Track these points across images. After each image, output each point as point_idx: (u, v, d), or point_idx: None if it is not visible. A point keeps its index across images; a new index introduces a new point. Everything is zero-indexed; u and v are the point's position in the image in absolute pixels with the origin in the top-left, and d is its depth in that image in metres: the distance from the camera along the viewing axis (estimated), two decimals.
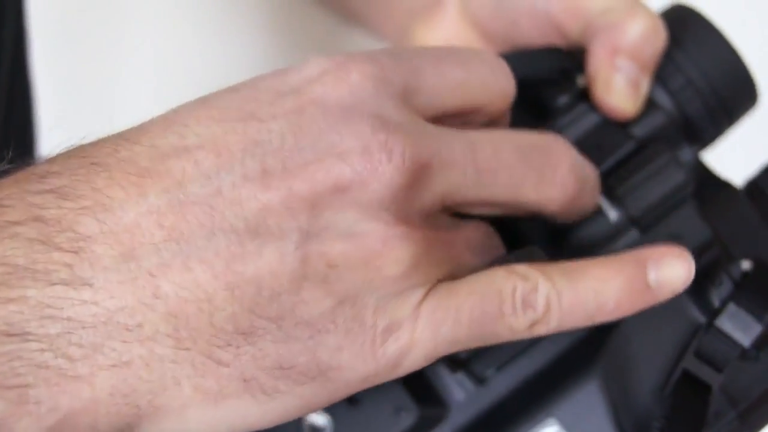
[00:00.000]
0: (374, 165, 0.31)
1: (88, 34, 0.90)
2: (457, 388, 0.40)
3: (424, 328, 0.32)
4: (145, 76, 0.91)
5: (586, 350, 0.39)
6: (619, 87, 0.42)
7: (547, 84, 0.43)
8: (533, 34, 0.46)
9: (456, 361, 0.36)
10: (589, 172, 0.38)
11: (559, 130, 0.42)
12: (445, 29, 0.50)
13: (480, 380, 0.40)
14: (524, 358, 0.40)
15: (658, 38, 0.42)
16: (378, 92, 0.32)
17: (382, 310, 0.32)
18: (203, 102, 0.32)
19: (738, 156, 0.48)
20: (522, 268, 0.34)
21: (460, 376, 0.40)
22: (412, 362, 0.33)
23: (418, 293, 0.32)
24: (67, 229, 0.29)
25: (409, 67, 0.33)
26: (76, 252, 0.29)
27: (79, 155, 0.31)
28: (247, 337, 0.30)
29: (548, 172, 0.35)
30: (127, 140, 0.31)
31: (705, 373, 0.38)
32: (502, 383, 0.40)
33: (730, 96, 0.44)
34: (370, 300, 0.31)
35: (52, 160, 0.31)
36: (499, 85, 0.36)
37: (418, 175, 0.32)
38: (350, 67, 0.32)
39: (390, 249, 0.31)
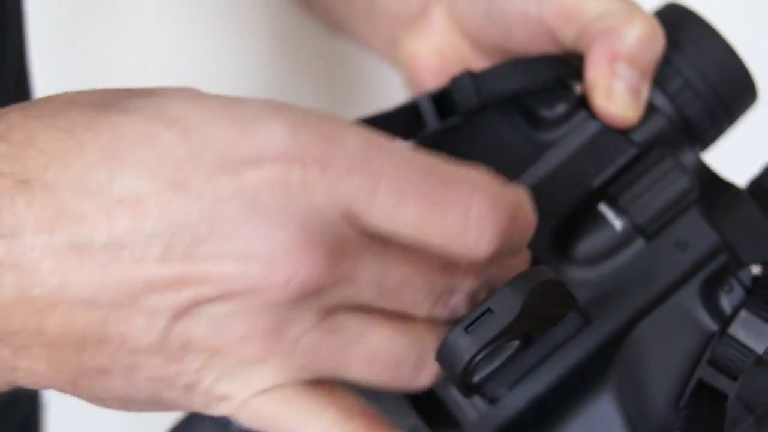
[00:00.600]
0: (272, 281, 0.30)
1: (87, 40, 0.89)
2: (469, 408, 0.39)
3: (248, 416, 0.33)
4: (145, 82, 0.91)
5: (598, 363, 0.39)
6: (620, 94, 0.41)
7: (543, 93, 0.42)
8: (526, 42, 0.45)
9: (468, 387, 0.35)
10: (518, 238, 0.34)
11: (558, 140, 0.41)
12: (432, 39, 0.49)
13: (492, 399, 0.39)
14: (536, 375, 0.39)
15: (656, 43, 0.42)
16: (313, 201, 0.31)
17: (220, 382, 0.33)
18: (150, 140, 0.30)
19: (737, 155, 0.47)
20: None
21: (473, 398, 0.39)
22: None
23: (258, 386, 0.33)
24: None
25: (367, 181, 0.31)
26: None
27: (12, 163, 0.30)
28: (103, 374, 0.32)
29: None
30: (60, 160, 0.30)
31: (720, 381, 0.37)
32: (515, 401, 0.39)
33: (729, 95, 0.43)
34: (210, 374, 0.32)
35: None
36: (459, 249, 0.32)
37: (312, 294, 0.31)
38: (299, 165, 0.30)
39: (247, 349, 0.32)
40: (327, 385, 0.34)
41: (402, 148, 0.32)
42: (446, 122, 0.43)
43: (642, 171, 0.40)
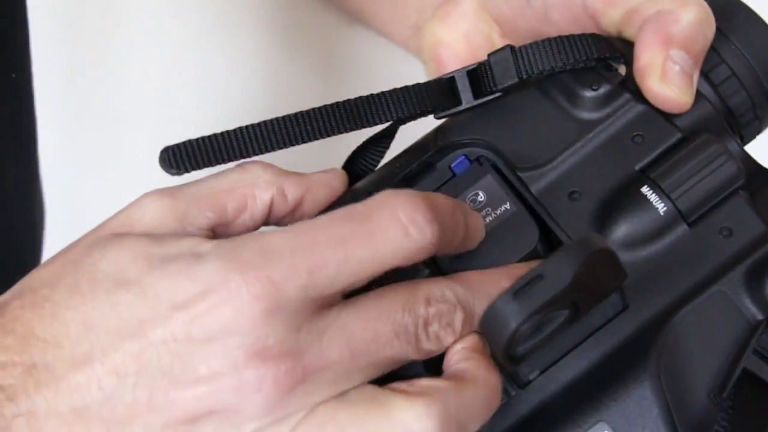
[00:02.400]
0: (245, 395, 0.33)
1: (87, 37, 0.88)
2: None
3: None
4: (148, 79, 0.90)
5: (636, 350, 0.37)
6: (675, 77, 0.40)
7: (585, 72, 0.41)
8: (564, 25, 0.44)
9: (512, 358, 0.34)
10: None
11: (601, 120, 0.40)
12: (461, 25, 0.48)
13: (523, 384, 0.38)
14: (569, 360, 0.38)
15: (709, 28, 0.41)
16: (264, 314, 0.33)
17: None
18: (112, 306, 0.34)
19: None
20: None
21: (502, 380, 0.37)
22: None
23: None
24: (5, 429, 0.34)
25: (308, 264, 0.33)
26: None
27: (20, 352, 0.35)
28: None
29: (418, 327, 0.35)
30: (53, 341, 0.34)
31: (766, 372, 0.36)
32: (547, 386, 0.38)
33: None
34: None
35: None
36: (413, 245, 0.34)
37: (291, 395, 0.33)
38: (242, 286, 0.33)
39: None
40: None
41: (315, 223, 0.35)
42: (483, 98, 0.42)
43: (687, 155, 0.39)
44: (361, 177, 0.42)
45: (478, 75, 0.42)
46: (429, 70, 0.50)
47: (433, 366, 0.36)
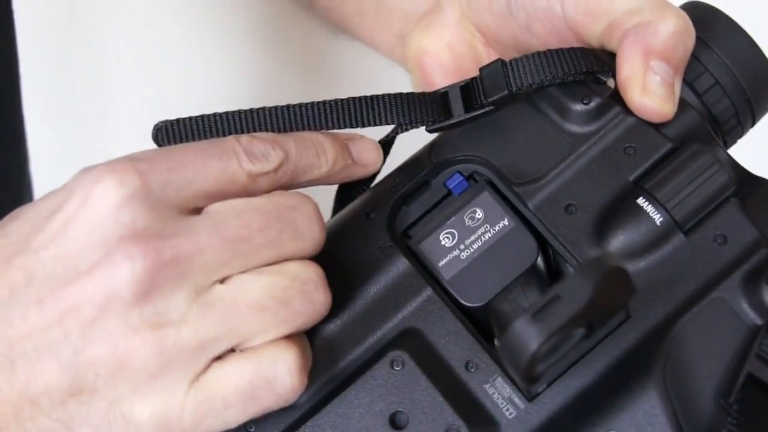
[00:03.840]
0: (118, 276, 0.35)
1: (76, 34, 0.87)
2: (507, 405, 0.38)
3: (190, 423, 0.36)
4: (137, 78, 0.89)
5: (641, 359, 0.38)
6: (656, 88, 0.41)
7: (576, 86, 0.42)
8: (546, 37, 0.45)
9: (532, 379, 0.34)
10: None
11: (592, 134, 0.41)
12: (445, 35, 0.49)
13: (531, 396, 0.38)
14: (576, 371, 0.38)
15: (688, 38, 0.41)
16: (129, 198, 0.35)
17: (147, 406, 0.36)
18: (2, 236, 0.36)
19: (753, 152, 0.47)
20: None
21: (509, 393, 0.38)
22: None
23: (179, 389, 0.36)
24: None
25: (167, 164, 0.36)
26: None
27: None
28: None
29: (301, 223, 0.37)
30: None
31: None
32: (555, 399, 0.38)
33: (755, 94, 0.43)
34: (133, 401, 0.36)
35: None
36: (259, 164, 0.38)
37: (164, 274, 0.35)
38: (109, 177, 0.35)
39: (136, 353, 0.35)
40: None
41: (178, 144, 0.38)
42: (474, 112, 0.42)
43: (680, 166, 0.39)
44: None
45: (470, 89, 0.42)
46: (414, 79, 0.50)
47: None
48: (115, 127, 0.93)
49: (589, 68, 0.42)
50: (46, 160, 0.77)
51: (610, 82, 0.42)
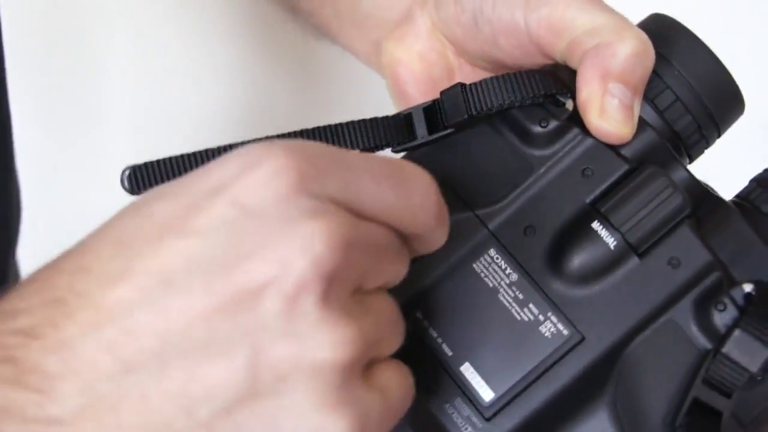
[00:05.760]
0: (304, 262, 0.31)
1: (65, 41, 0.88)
2: (465, 426, 0.39)
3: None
4: (126, 80, 0.90)
5: (593, 381, 0.39)
6: (613, 112, 0.41)
7: (534, 109, 0.42)
8: (513, 51, 0.45)
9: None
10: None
11: (551, 156, 0.42)
12: (416, 44, 0.49)
13: (487, 417, 0.40)
14: (531, 393, 0.39)
15: (647, 59, 0.42)
16: (309, 201, 0.32)
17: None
18: (146, 217, 0.32)
19: (722, 166, 0.48)
20: None
21: (468, 413, 0.39)
22: None
23: (368, 397, 0.33)
24: (34, 369, 0.31)
25: (346, 173, 0.33)
26: (44, 391, 0.31)
27: (43, 291, 0.32)
28: None
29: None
30: (82, 270, 0.32)
31: (715, 400, 0.38)
32: (511, 419, 0.39)
33: (717, 108, 0.43)
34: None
35: (19, 295, 0.33)
36: (423, 217, 0.35)
37: (343, 258, 0.32)
38: (292, 171, 0.32)
39: (333, 356, 0.32)
40: None
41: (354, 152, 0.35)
42: (436, 134, 0.43)
43: (635, 189, 0.40)
44: None
45: (433, 111, 0.43)
46: (389, 86, 0.51)
47: None
48: (104, 126, 0.94)
49: (547, 91, 0.42)
50: (33, 158, 0.79)
51: (570, 103, 0.43)
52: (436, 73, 0.49)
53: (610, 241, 0.40)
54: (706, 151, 0.45)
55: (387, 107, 0.48)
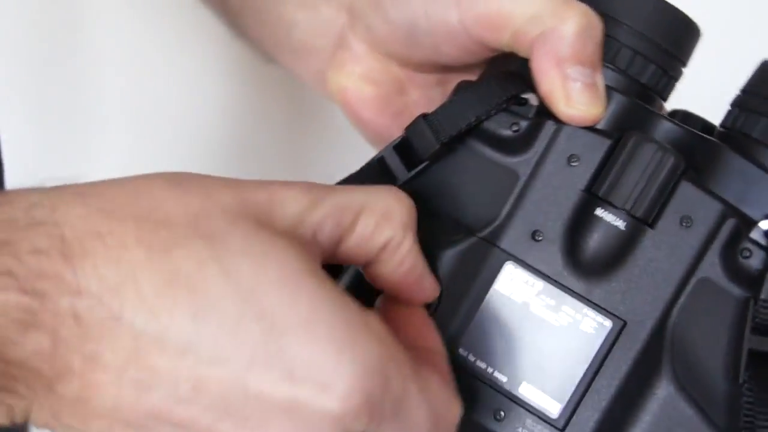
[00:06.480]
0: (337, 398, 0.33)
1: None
2: None
3: None
4: (116, 78, 0.89)
5: (648, 360, 0.39)
6: (579, 96, 0.40)
7: (501, 116, 0.42)
8: (457, 54, 0.44)
9: None
10: None
11: (533, 157, 0.41)
12: (357, 68, 0.48)
13: (562, 426, 0.40)
14: (594, 391, 0.40)
15: (595, 30, 0.41)
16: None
17: None
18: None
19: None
20: None
21: (542, 429, 0.40)
22: None
23: None
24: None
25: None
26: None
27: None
28: None
29: None
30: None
31: None
32: (583, 423, 0.40)
33: (675, 45, 0.43)
34: None
35: None
36: None
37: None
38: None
39: None
40: None
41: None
42: (414, 170, 0.43)
43: (625, 163, 0.40)
44: None
45: (404, 146, 0.43)
46: (344, 113, 0.50)
47: None
48: (94, 125, 0.93)
49: (508, 94, 0.41)
50: (21, 156, 0.78)
51: (533, 97, 0.42)
52: (386, 90, 0.48)
53: (619, 223, 0.40)
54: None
55: None
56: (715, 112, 0.44)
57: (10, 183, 0.63)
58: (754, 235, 0.39)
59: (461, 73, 0.47)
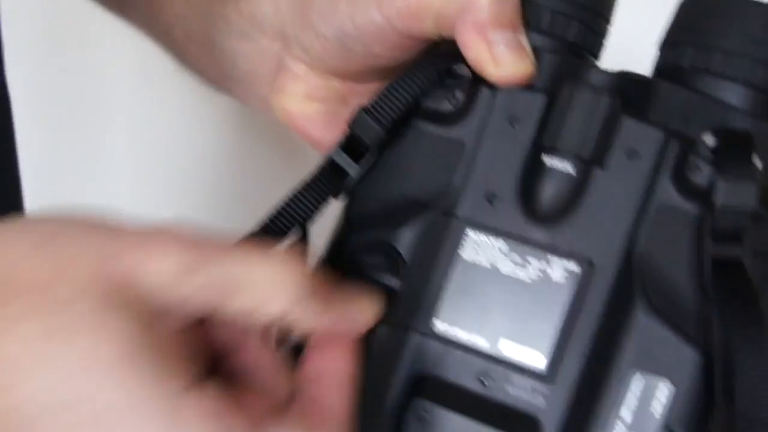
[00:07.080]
0: None
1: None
2: (534, 397, 0.40)
3: None
4: (129, 81, 0.90)
5: (622, 296, 0.40)
6: (506, 57, 0.42)
7: (434, 92, 0.43)
8: (390, 52, 0.46)
9: None
10: None
11: (475, 124, 0.42)
12: (299, 89, 0.49)
13: (549, 379, 0.40)
14: (575, 336, 0.40)
15: None
16: None
17: None
18: None
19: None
20: None
21: (530, 384, 0.40)
22: None
23: None
24: None
25: None
26: None
27: None
28: None
29: None
30: None
31: (731, 250, 0.38)
32: (571, 370, 0.40)
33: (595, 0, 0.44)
34: None
35: None
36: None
37: None
38: None
39: None
40: None
41: None
42: (366, 163, 0.44)
43: (563, 110, 0.41)
44: None
45: (350, 143, 0.44)
46: (296, 134, 0.51)
47: None
48: (106, 129, 0.94)
49: (440, 68, 0.43)
50: (35, 160, 0.78)
51: (466, 69, 0.43)
52: (331, 105, 0.49)
53: (569, 168, 0.40)
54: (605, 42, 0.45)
55: None
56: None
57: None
58: (700, 150, 0.40)
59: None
